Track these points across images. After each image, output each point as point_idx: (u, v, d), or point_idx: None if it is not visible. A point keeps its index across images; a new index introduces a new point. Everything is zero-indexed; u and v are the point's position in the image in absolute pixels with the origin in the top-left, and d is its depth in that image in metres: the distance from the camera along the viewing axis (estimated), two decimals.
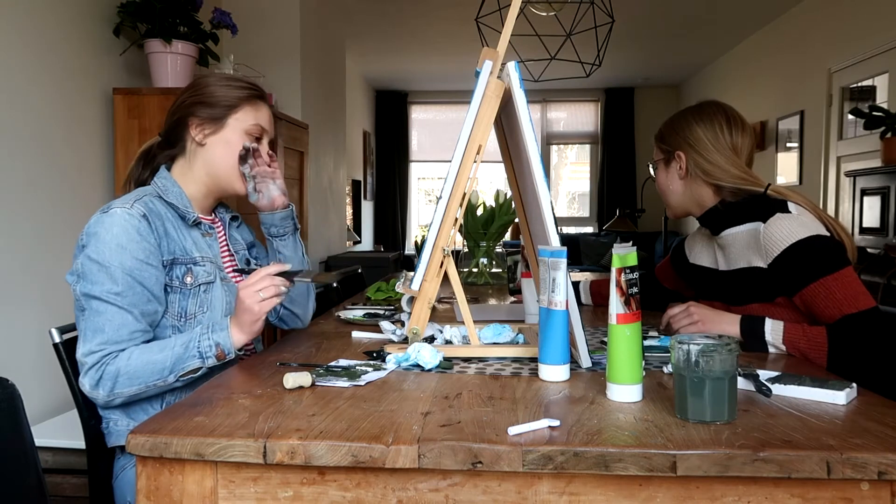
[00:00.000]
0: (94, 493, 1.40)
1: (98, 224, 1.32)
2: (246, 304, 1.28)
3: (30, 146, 2.38)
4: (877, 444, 0.85)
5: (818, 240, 1.41)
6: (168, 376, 1.28)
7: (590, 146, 9.19)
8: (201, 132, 1.45)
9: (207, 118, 1.45)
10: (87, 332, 1.28)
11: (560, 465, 0.84)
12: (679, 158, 1.58)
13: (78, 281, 1.32)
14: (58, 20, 2.53)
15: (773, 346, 1.39)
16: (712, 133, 1.55)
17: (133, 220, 1.33)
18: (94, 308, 1.29)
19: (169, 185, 1.45)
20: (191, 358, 1.28)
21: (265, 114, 1.51)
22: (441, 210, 1.30)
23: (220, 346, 1.29)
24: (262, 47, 3.90)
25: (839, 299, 1.38)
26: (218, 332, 1.30)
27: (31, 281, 2.38)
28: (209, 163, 1.46)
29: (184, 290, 1.39)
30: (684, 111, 1.62)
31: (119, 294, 1.29)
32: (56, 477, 2.08)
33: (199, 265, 1.42)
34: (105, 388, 1.26)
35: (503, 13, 2.93)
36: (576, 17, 3.38)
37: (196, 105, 1.45)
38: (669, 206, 1.67)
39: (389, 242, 8.86)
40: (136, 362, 1.27)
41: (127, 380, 1.26)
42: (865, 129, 4.16)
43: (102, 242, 1.30)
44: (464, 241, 2.66)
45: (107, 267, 1.29)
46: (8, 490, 1.01)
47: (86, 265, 1.30)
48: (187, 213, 1.44)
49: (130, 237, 1.31)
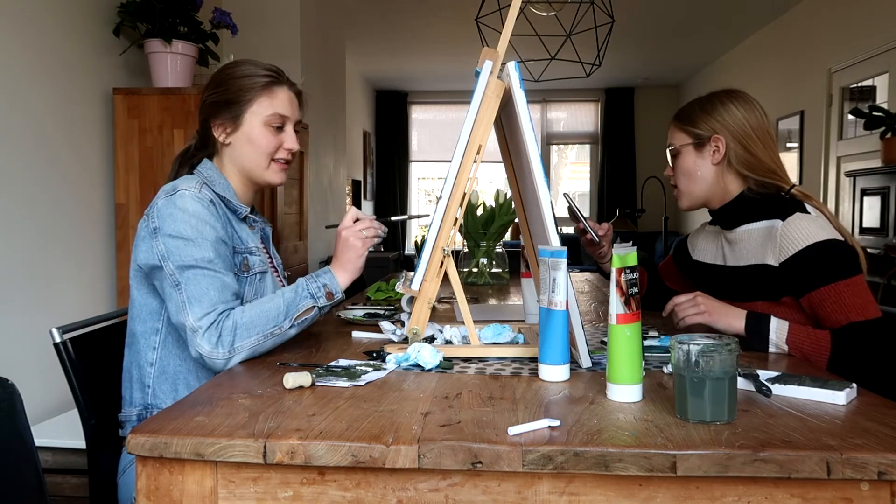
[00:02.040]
0: (94, 493, 1.40)
1: (170, 205, 1.33)
2: (350, 241, 1.37)
3: (30, 146, 2.38)
4: (877, 444, 0.85)
5: (835, 244, 1.41)
6: (283, 322, 1.31)
7: (590, 146, 9.20)
8: (223, 132, 1.45)
9: (227, 118, 1.44)
10: (193, 300, 1.29)
11: (560, 465, 0.84)
12: (716, 142, 1.52)
13: (166, 259, 1.31)
14: (58, 20, 2.53)
15: (776, 346, 1.39)
16: (755, 119, 1.50)
17: (204, 201, 1.35)
18: (190, 277, 1.30)
19: (214, 175, 1.45)
20: (302, 299, 1.33)
21: (284, 98, 1.47)
22: (441, 210, 1.30)
23: (328, 287, 1.35)
24: (262, 47, 3.90)
25: (848, 305, 1.37)
26: (322, 276, 1.36)
27: (31, 281, 2.38)
28: (237, 161, 1.47)
29: (241, 278, 1.42)
30: (716, 94, 1.55)
31: (212, 261, 1.31)
32: (56, 477, 2.08)
33: (255, 255, 1.46)
34: (225, 344, 1.27)
35: (503, 13, 2.93)
36: (576, 17, 3.38)
37: (214, 105, 1.45)
38: (691, 193, 1.58)
39: (389, 242, 8.86)
40: (249, 313, 1.29)
41: (245, 331, 1.28)
42: (865, 129, 4.16)
43: (181, 221, 1.32)
44: (464, 241, 2.66)
45: (192, 240, 1.31)
46: (8, 490, 1.02)
47: (169, 243, 1.31)
48: (239, 208, 1.46)
49: (206, 215, 1.34)
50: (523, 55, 3.30)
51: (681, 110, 1.61)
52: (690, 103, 1.59)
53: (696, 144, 1.55)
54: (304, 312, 1.33)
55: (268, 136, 1.45)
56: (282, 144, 1.47)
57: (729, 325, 1.41)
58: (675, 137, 1.59)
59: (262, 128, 1.44)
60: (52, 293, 2.47)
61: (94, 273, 2.74)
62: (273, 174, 1.48)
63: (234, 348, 1.27)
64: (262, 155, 1.45)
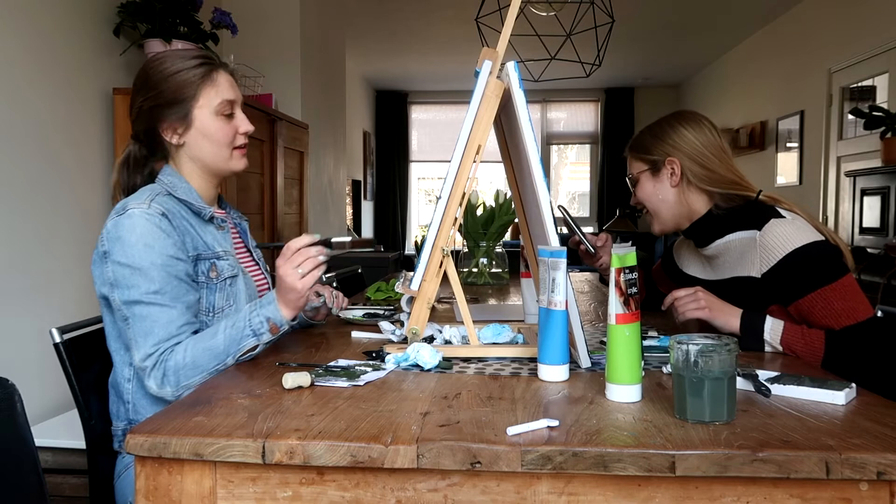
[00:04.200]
0: (94, 493, 1.40)
1: (119, 227, 1.29)
2: (287, 283, 1.25)
3: (30, 146, 2.38)
4: (876, 444, 0.85)
5: (816, 247, 1.39)
6: (227, 359, 1.26)
7: (590, 146, 9.20)
8: (174, 134, 1.40)
9: (174, 119, 1.38)
10: (139, 339, 1.26)
11: (559, 466, 0.84)
12: (671, 164, 1.53)
13: (113, 290, 1.29)
14: (58, 20, 2.53)
15: (770, 346, 1.39)
16: (702, 135, 1.52)
17: (154, 218, 1.30)
18: (137, 314, 1.27)
19: (175, 181, 1.41)
20: (245, 337, 1.26)
21: (225, 84, 1.42)
22: (441, 210, 1.30)
23: (272, 320, 1.27)
24: (262, 47, 3.90)
25: (838, 311, 1.36)
26: (266, 307, 1.28)
27: (31, 281, 2.38)
28: (196, 158, 1.42)
29: (210, 285, 1.37)
30: (663, 119, 1.58)
31: (158, 292, 1.27)
32: (56, 477, 2.08)
33: (223, 259, 1.40)
34: (171, 383, 1.25)
35: (503, 13, 2.93)
36: (576, 17, 3.39)
37: (155, 109, 1.38)
38: (659, 218, 1.59)
39: (389, 242, 8.86)
40: (192, 352, 1.25)
41: (190, 370, 1.25)
42: (865, 129, 4.16)
43: (128, 245, 1.27)
44: (463, 241, 2.66)
45: (139, 268, 1.26)
46: (8, 490, 1.02)
47: (117, 271, 1.28)
48: (202, 210, 1.40)
49: (155, 235, 1.28)
50: (523, 55, 3.30)
51: (633, 139, 1.63)
52: (641, 132, 1.62)
53: (652, 170, 1.57)
54: (247, 351, 1.27)
55: (223, 127, 1.41)
56: (237, 130, 1.44)
57: (726, 322, 1.42)
58: (632, 167, 1.62)
59: (215, 119, 1.40)
60: (52, 293, 2.47)
61: None
62: (236, 161, 1.45)
63: (182, 386, 1.25)
64: (221, 146, 1.42)
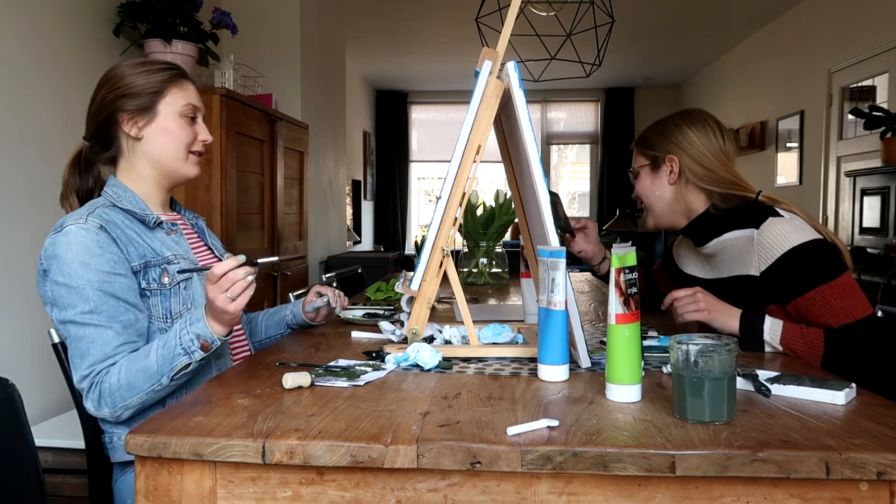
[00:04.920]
0: (93, 493, 1.40)
1: (55, 245, 1.28)
2: (218, 305, 1.22)
3: (30, 146, 2.38)
4: (876, 444, 0.85)
5: (814, 245, 1.40)
6: (161, 379, 1.23)
7: (590, 146, 9.20)
8: (134, 126, 1.39)
9: (136, 110, 1.39)
10: (75, 359, 1.26)
11: (559, 466, 0.84)
12: (670, 162, 1.54)
13: (52, 309, 1.29)
14: (58, 20, 2.53)
15: (770, 346, 1.39)
16: (706, 137, 1.53)
17: (90, 233, 1.28)
18: (73, 334, 1.26)
19: (120, 191, 1.39)
20: (176, 356, 1.23)
21: (192, 91, 1.46)
22: (441, 210, 1.30)
23: (202, 337, 1.24)
24: (262, 47, 3.90)
25: (836, 309, 1.36)
26: (195, 324, 1.24)
27: (31, 281, 2.37)
28: (152, 155, 1.41)
29: (164, 291, 1.36)
30: (671, 117, 1.59)
31: (93, 312, 1.25)
32: (56, 477, 2.08)
33: (174, 263, 1.38)
34: (107, 405, 1.24)
35: (503, 13, 2.93)
36: (576, 17, 3.38)
37: (120, 99, 1.38)
38: (654, 213, 1.61)
39: (389, 242, 8.86)
40: (126, 373, 1.24)
41: (126, 391, 1.23)
42: (865, 129, 4.16)
43: (64, 263, 1.26)
44: (463, 241, 2.66)
45: (75, 287, 1.25)
46: (8, 490, 1.02)
47: (54, 290, 1.27)
48: (146, 217, 1.39)
49: (91, 252, 1.27)
50: (523, 55, 3.30)
51: (640, 134, 1.65)
52: (650, 126, 1.64)
53: (653, 166, 1.59)
54: (181, 369, 1.24)
55: (185, 127, 1.42)
56: (197, 136, 1.45)
57: (725, 324, 1.42)
58: (635, 161, 1.64)
59: (178, 118, 1.41)
60: None
61: None
62: (190, 167, 1.45)
63: (119, 408, 1.24)
64: (180, 146, 1.42)
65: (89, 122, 1.43)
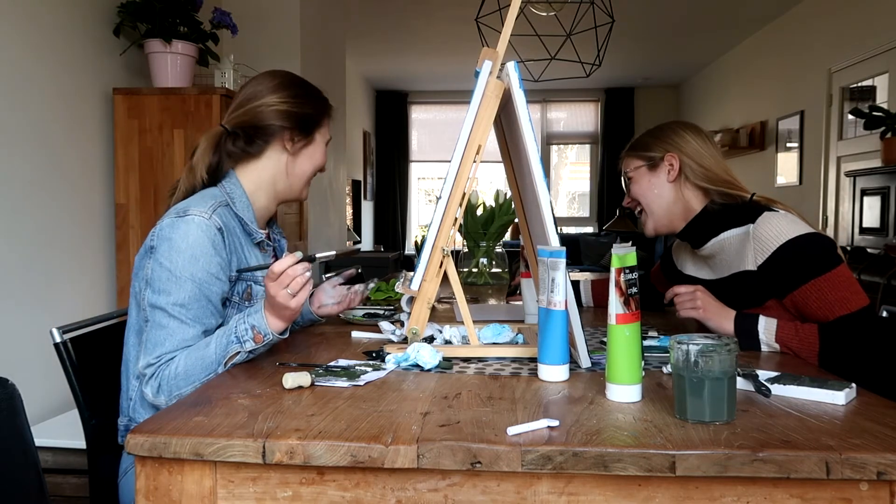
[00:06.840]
0: (94, 493, 1.40)
1: (173, 229, 1.29)
2: (279, 301, 1.24)
3: (30, 146, 2.38)
4: (876, 444, 0.85)
5: (809, 238, 1.41)
6: (217, 367, 1.25)
7: (590, 146, 9.19)
8: (291, 143, 1.45)
9: (300, 131, 1.45)
10: (149, 345, 1.27)
11: (559, 466, 0.84)
12: (670, 159, 1.55)
13: (146, 288, 1.29)
14: (58, 20, 2.53)
15: (766, 345, 1.39)
16: (701, 139, 1.57)
17: (211, 231, 1.30)
18: (157, 321, 1.27)
19: (237, 192, 1.41)
20: (230, 344, 1.26)
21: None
22: (441, 210, 1.30)
23: (256, 329, 1.26)
24: (262, 47, 3.90)
25: (832, 301, 1.37)
26: (252, 315, 1.28)
27: (31, 280, 2.38)
28: (293, 173, 1.48)
29: (241, 307, 1.39)
30: (666, 124, 1.62)
31: (184, 307, 1.27)
32: (56, 477, 2.08)
33: (259, 284, 1.42)
34: (164, 392, 1.25)
35: (503, 13, 2.93)
36: (576, 17, 3.38)
37: (293, 116, 1.44)
38: (653, 215, 1.60)
39: (389, 242, 8.86)
40: (185, 362, 1.25)
41: (183, 380, 1.24)
42: (865, 129, 4.16)
43: (176, 250, 1.27)
44: (463, 241, 2.66)
45: (178, 277, 1.27)
46: (8, 490, 1.02)
47: (156, 271, 1.28)
48: (255, 233, 1.42)
49: (205, 249, 1.29)
50: (523, 55, 3.30)
51: (632, 142, 1.66)
52: (641, 134, 1.65)
53: (650, 166, 1.59)
54: (232, 357, 1.26)
55: (325, 156, 1.52)
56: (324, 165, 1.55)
57: (720, 325, 1.43)
58: (628, 166, 1.63)
59: (324, 148, 1.52)
60: (52, 293, 2.47)
61: (94, 273, 2.74)
62: (307, 191, 1.54)
63: (174, 396, 1.25)
64: (311, 173, 1.51)
65: (240, 115, 1.44)
